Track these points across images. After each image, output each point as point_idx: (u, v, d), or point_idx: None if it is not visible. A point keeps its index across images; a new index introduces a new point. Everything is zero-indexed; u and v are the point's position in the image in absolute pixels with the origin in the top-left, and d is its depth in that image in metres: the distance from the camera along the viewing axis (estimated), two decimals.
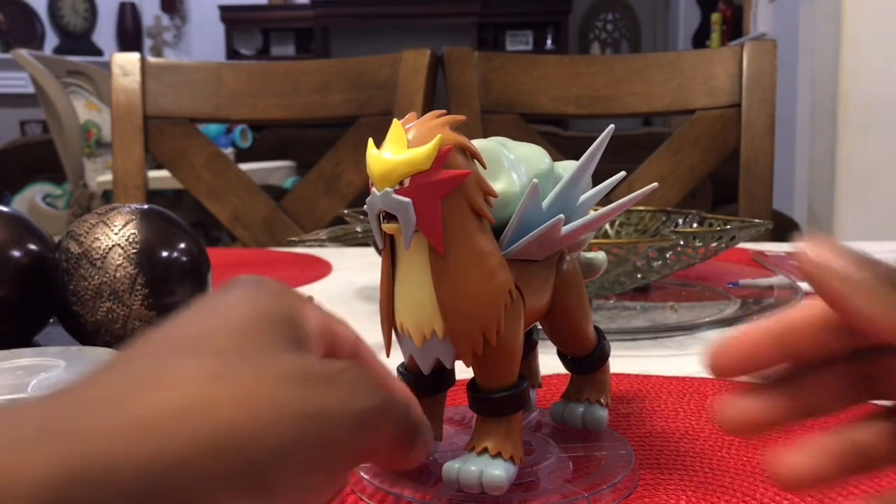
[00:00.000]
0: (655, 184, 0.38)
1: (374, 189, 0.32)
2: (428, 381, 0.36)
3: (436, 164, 0.31)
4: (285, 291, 0.28)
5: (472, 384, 0.35)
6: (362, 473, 0.37)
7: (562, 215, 0.34)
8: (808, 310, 0.26)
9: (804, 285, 0.75)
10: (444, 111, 0.33)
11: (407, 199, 0.31)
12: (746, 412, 0.26)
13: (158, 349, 0.23)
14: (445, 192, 0.31)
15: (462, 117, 0.33)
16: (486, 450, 0.33)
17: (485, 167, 0.33)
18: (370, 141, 0.33)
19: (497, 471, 0.33)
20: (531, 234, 0.34)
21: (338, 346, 0.29)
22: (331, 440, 0.24)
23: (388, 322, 0.34)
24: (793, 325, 0.26)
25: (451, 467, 0.33)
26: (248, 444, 0.21)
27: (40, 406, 0.20)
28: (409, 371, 0.36)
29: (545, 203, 0.35)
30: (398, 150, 0.31)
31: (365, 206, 0.34)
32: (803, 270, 0.25)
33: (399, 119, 0.33)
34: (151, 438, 0.20)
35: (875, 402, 0.27)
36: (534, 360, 0.44)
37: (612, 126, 0.37)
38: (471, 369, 0.35)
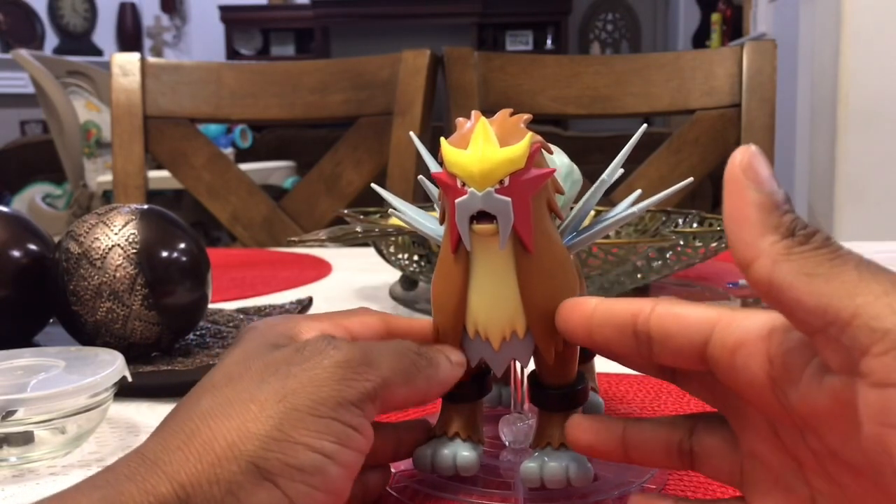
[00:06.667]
0: (691, 178, 0.39)
1: (470, 190, 0.31)
2: (468, 389, 0.35)
3: (528, 162, 0.31)
4: (278, 323, 0.33)
5: (536, 382, 0.35)
6: (429, 489, 0.36)
7: (635, 209, 0.35)
8: (623, 314, 0.30)
9: None
10: (511, 109, 0.33)
11: (507, 199, 0.30)
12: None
13: (188, 400, 0.30)
14: (535, 190, 0.31)
15: (531, 115, 0.33)
16: (562, 445, 0.34)
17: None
18: (444, 141, 0.32)
19: (584, 464, 0.33)
20: (599, 227, 0.35)
21: (364, 334, 0.34)
22: (318, 402, 0.28)
23: (459, 328, 0.34)
24: (610, 320, 0.30)
25: (531, 466, 0.34)
26: (244, 447, 0.27)
27: (131, 458, 0.27)
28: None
29: (586, 200, 0.36)
30: (493, 148, 0.31)
31: (458, 208, 0.31)
32: (739, 156, 0.26)
33: (462, 118, 0.33)
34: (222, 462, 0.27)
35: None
36: (592, 365, 0.43)
37: (644, 125, 0.38)
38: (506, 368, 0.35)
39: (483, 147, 0.30)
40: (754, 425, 0.28)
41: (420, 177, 0.38)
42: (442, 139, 0.32)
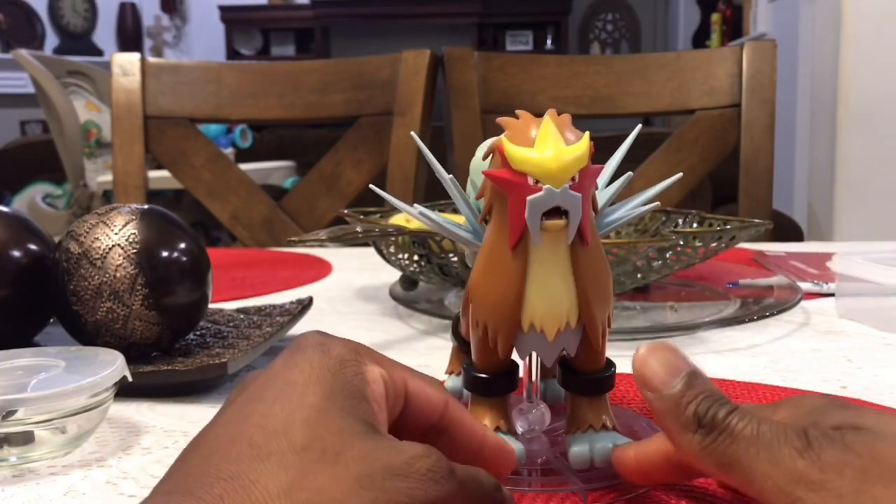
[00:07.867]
0: (680, 174, 0.41)
1: (546, 187, 0.31)
2: (500, 382, 0.36)
3: (589, 160, 0.33)
4: (349, 358, 0.29)
5: (570, 370, 0.36)
6: None
7: (658, 202, 0.38)
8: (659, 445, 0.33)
9: (804, 285, 0.75)
10: (556, 109, 0.34)
11: (580, 194, 0.32)
12: None
13: (240, 450, 0.25)
14: (593, 185, 0.33)
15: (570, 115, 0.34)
16: (603, 426, 0.36)
17: None
18: (506, 140, 0.32)
19: (626, 441, 0.35)
20: (621, 218, 0.37)
21: (426, 406, 0.31)
22: None
23: (517, 323, 0.34)
24: (652, 460, 0.33)
25: (580, 449, 0.35)
26: None
27: None
28: (478, 373, 0.36)
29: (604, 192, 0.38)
30: (564, 146, 0.32)
31: (530, 205, 0.32)
32: (633, 370, 0.32)
33: (505, 118, 0.34)
34: None
35: None
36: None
37: (639, 125, 0.40)
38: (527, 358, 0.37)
39: (556, 146, 0.32)
40: None
41: (450, 177, 0.37)
42: (503, 138, 0.33)
